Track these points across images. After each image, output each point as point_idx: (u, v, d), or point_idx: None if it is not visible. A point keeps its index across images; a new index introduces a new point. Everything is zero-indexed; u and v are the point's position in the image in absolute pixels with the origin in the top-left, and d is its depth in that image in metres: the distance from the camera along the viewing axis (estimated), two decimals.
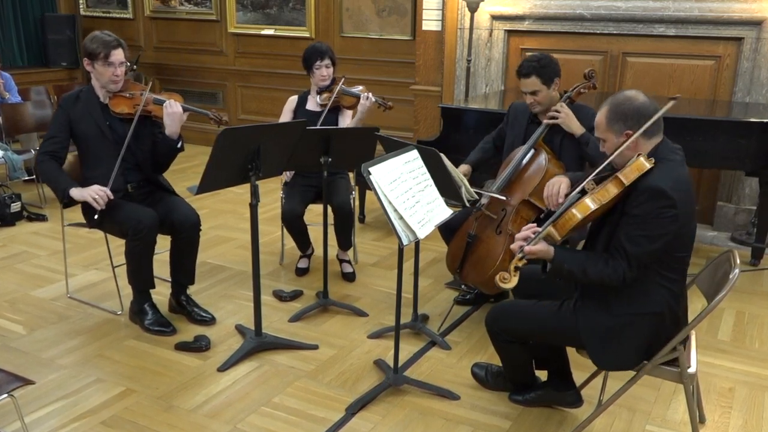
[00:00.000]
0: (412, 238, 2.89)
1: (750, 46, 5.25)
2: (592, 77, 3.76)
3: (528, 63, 3.66)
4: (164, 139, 3.75)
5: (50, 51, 8.55)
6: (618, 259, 2.52)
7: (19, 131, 6.34)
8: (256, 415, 3.07)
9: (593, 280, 2.56)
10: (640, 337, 2.62)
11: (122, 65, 3.68)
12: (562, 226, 2.56)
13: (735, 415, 3.15)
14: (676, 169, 2.54)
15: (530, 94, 3.69)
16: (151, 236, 3.65)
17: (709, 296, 2.76)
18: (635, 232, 2.48)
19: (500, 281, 2.55)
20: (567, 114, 3.64)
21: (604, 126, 2.62)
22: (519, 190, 3.67)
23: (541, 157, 3.67)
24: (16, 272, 4.58)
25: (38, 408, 3.07)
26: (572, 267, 2.57)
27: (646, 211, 2.46)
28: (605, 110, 2.62)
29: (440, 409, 3.15)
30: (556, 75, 3.68)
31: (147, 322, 3.76)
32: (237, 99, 8.16)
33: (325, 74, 4.46)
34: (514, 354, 3.00)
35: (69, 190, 3.60)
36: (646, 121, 2.54)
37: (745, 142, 4.47)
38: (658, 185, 2.44)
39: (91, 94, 3.76)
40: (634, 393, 3.08)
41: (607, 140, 2.63)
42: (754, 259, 4.93)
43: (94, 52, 3.63)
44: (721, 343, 3.82)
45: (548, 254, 2.59)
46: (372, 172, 2.83)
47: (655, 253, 2.50)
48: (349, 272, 4.57)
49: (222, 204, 6.03)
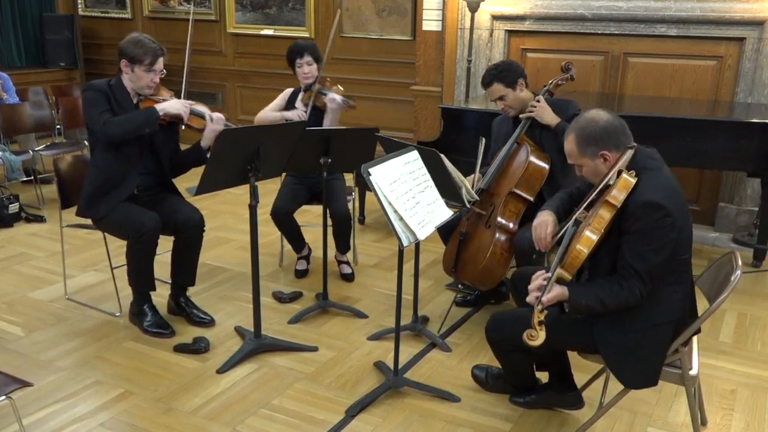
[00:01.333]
0: (412, 239, 2.88)
1: (752, 47, 5.24)
2: (569, 69, 3.93)
3: (487, 72, 3.81)
4: (198, 149, 3.76)
5: (48, 51, 8.53)
6: (630, 279, 2.50)
7: (17, 132, 6.33)
8: (256, 417, 3.06)
9: (612, 306, 2.54)
10: (661, 348, 2.61)
11: (161, 72, 3.68)
12: (570, 264, 2.52)
13: (737, 417, 3.14)
14: (659, 176, 2.54)
15: (499, 100, 3.81)
16: (152, 240, 3.63)
17: (711, 298, 2.75)
18: (640, 248, 2.47)
19: (528, 339, 2.48)
20: (541, 107, 3.72)
21: (576, 153, 2.63)
22: (505, 184, 3.75)
23: (522, 150, 3.77)
24: (14, 274, 4.56)
25: (36, 410, 3.06)
26: (589, 301, 2.55)
27: (644, 226, 2.45)
28: (572, 137, 2.62)
29: (440, 411, 3.14)
30: (519, 76, 3.77)
31: (146, 323, 3.75)
32: (236, 99, 8.14)
33: (307, 71, 4.37)
34: (515, 360, 2.99)
35: (156, 111, 3.54)
36: (615, 138, 2.56)
37: (747, 143, 4.46)
38: (650, 199, 2.44)
39: (123, 93, 3.67)
40: (636, 395, 3.06)
41: (584, 165, 2.64)
42: (755, 261, 4.92)
43: (138, 57, 3.57)
44: (723, 344, 3.81)
45: (564, 296, 2.57)
46: (372, 173, 2.82)
47: (662, 264, 2.50)
48: (347, 273, 4.55)
49: (221, 205, 6.02)
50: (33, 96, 6.89)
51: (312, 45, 4.43)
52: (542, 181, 3.70)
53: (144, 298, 3.80)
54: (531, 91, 3.86)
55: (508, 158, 3.78)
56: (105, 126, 3.49)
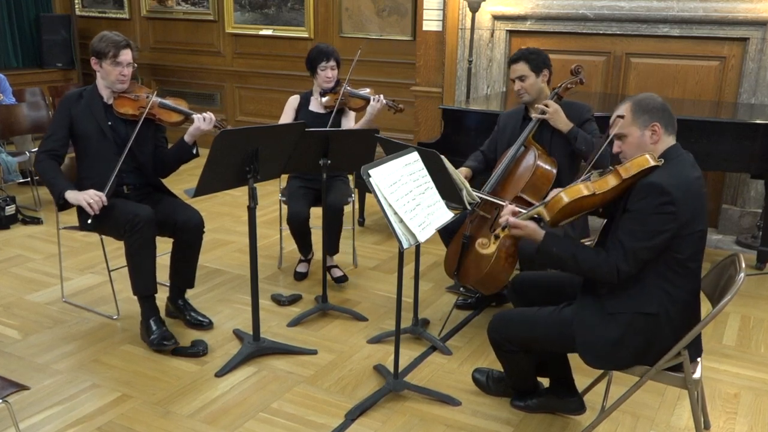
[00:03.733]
0: (412, 241, 2.87)
1: (755, 47, 5.21)
2: (578, 73, 3.85)
3: (519, 50, 3.80)
4: (182, 145, 3.76)
5: (45, 52, 8.49)
6: (612, 251, 2.52)
7: (13, 133, 6.28)
8: (255, 421, 3.05)
9: (583, 268, 2.59)
10: (631, 337, 2.59)
11: (129, 66, 3.69)
12: (551, 206, 2.60)
13: (740, 421, 3.12)
14: (682, 169, 2.54)
15: (518, 80, 3.76)
16: (149, 230, 3.56)
17: (714, 300, 2.73)
18: (633, 226, 2.50)
19: (479, 247, 2.72)
20: (555, 110, 3.68)
21: (629, 119, 2.62)
22: (511, 187, 3.70)
23: (530, 154, 3.71)
24: (10, 276, 4.54)
25: (33, 414, 3.04)
26: (561, 251, 2.62)
27: (644, 207, 2.47)
28: (628, 105, 2.63)
29: (441, 415, 3.12)
30: (545, 66, 3.76)
31: (152, 337, 3.60)
32: (235, 100, 8.12)
33: (330, 76, 4.43)
34: (517, 362, 2.98)
35: (64, 193, 3.56)
36: (669, 117, 2.60)
37: (750, 144, 4.43)
38: (657, 181, 2.47)
39: (95, 94, 3.75)
40: (638, 399, 3.06)
41: (630, 135, 2.63)
42: (759, 263, 4.90)
43: (102, 51, 3.64)
44: (726, 348, 3.79)
45: (537, 234, 2.66)
46: (372, 175, 2.81)
47: (653, 250, 2.49)
48: (339, 276, 4.49)
49: (219, 207, 6.00)
50: (30, 97, 6.84)
51: (335, 50, 4.52)
52: (549, 185, 3.61)
53: (150, 311, 3.66)
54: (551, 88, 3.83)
55: (515, 161, 3.74)
56: (39, 160, 3.67)
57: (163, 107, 3.74)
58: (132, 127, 3.67)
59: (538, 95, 3.76)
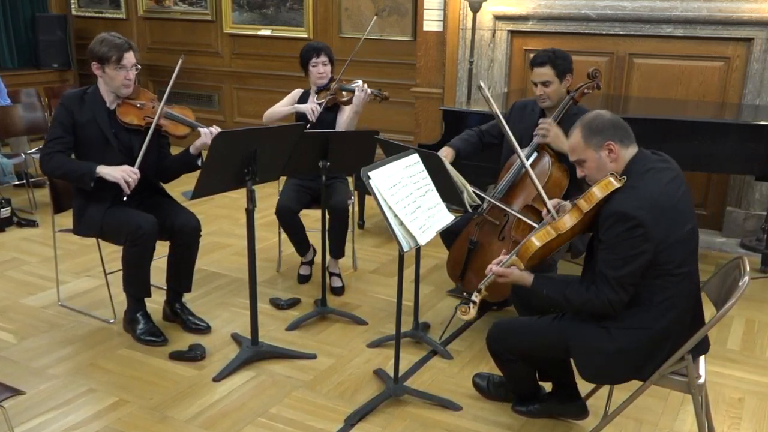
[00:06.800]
0: (412, 244, 2.86)
1: (760, 47, 5.19)
2: (596, 77, 3.70)
3: (544, 52, 3.64)
4: (187, 157, 3.70)
5: (41, 52, 8.44)
6: (599, 284, 2.53)
7: (8, 134, 6.24)
8: (253, 426, 3.03)
9: (576, 305, 2.61)
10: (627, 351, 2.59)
11: (134, 68, 3.58)
12: (522, 255, 2.66)
13: (745, 426, 3.12)
14: (647, 185, 2.51)
15: (542, 85, 3.62)
16: (150, 242, 3.56)
17: (719, 304, 2.71)
18: (608, 256, 2.51)
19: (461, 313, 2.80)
20: (555, 134, 3.55)
21: (582, 145, 2.62)
22: (521, 194, 3.62)
23: (544, 160, 3.61)
24: (6, 279, 4.51)
25: (29, 419, 3.03)
26: (551, 293, 2.65)
27: (614, 236, 2.48)
28: (578, 130, 2.63)
29: (441, 420, 3.11)
30: (569, 71, 3.63)
31: (138, 331, 3.69)
32: (233, 101, 8.10)
33: (322, 71, 4.41)
34: (517, 371, 2.98)
35: (95, 169, 3.46)
36: (622, 131, 2.59)
37: (755, 146, 4.40)
38: (619, 208, 2.46)
39: (98, 98, 3.62)
40: (641, 404, 3.03)
41: (587, 159, 2.62)
42: (764, 266, 4.88)
43: (105, 55, 3.50)
44: (731, 352, 3.77)
45: (525, 280, 2.69)
46: (372, 177, 2.80)
47: (635, 274, 2.50)
48: (338, 286, 4.42)
49: (217, 209, 5.98)
50: (25, 98, 6.80)
51: (326, 46, 4.50)
52: (561, 194, 3.48)
53: (138, 305, 3.74)
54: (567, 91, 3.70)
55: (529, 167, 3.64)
56: (47, 159, 3.52)
57: (170, 118, 3.65)
58: (136, 135, 3.61)
59: (559, 100, 3.64)
